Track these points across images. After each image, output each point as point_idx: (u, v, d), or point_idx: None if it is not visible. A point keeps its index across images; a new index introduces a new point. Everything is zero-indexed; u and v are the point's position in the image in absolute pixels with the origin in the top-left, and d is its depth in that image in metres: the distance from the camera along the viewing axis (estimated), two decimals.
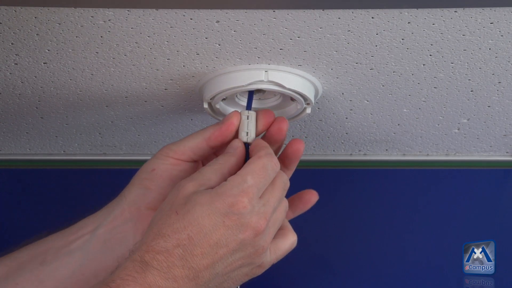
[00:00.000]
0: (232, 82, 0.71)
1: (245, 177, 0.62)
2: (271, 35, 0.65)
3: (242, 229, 0.61)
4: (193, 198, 0.61)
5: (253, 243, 0.62)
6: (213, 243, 0.60)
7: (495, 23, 0.63)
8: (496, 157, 0.96)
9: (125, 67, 0.71)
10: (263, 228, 0.62)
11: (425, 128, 0.87)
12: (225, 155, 0.67)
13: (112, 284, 0.57)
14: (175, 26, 0.64)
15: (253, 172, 0.63)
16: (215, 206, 0.61)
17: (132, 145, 0.93)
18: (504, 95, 0.78)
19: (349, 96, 0.78)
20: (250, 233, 0.62)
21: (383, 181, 0.98)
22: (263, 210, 0.63)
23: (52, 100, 0.79)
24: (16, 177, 0.97)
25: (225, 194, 0.61)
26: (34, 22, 0.63)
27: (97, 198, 0.97)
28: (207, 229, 0.60)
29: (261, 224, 0.62)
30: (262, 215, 0.63)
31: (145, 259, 0.59)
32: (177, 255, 0.59)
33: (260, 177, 0.63)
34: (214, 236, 0.60)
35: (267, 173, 0.64)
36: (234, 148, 0.68)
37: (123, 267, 0.59)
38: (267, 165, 0.64)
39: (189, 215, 0.61)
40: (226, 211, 0.61)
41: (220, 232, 0.61)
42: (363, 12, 0.62)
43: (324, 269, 0.94)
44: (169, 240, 0.60)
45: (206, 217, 0.60)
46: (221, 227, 0.61)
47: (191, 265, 0.59)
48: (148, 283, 0.58)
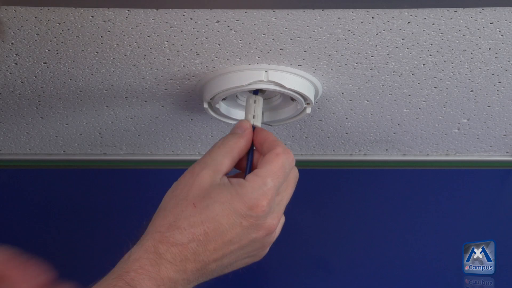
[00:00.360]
0: (232, 82, 0.71)
1: (266, 180, 0.63)
2: (271, 35, 0.65)
3: (257, 229, 0.62)
4: (213, 194, 0.62)
5: (263, 241, 0.64)
6: (227, 240, 0.61)
7: (495, 23, 0.63)
8: (496, 157, 0.96)
9: (125, 67, 0.71)
10: (275, 227, 0.64)
11: (425, 128, 0.87)
12: (234, 137, 0.67)
13: (126, 277, 0.57)
14: (175, 26, 0.64)
15: (273, 173, 0.63)
16: (235, 207, 0.61)
17: (132, 145, 0.92)
18: (504, 95, 0.78)
19: (349, 96, 0.78)
20: (263, 232, 0.63)
21: (383, 181, 0.98)
22: (277, 210, 0.64)
23: (52, 100, 0.79)
24: (16, 177, 0.97)
25: (246, 196, 0.61)
26: (34, 22, 0.63)
27: (97, 198, 0.97)
28: (224, 227, 0.61)
29: (274, 224, 0.64)
30: (276, 215, 0.64)
31: (159, 251, 0.59)
32: (191, 249, 0.60)
33: (280, 178, 0.63)
34: (229, 234, 0.61)
35: (285, 172, 0.64)
36: (242, 129, 0.67)
37: (136, 257, 0.59)
38: (285, 164, 0.64)
39: (208, 211, 0.61)
40: (245, 213, 0.61)
41: (235, 231, 0.61)
42: (363, 12, 0.62)
43: (324, 269, 0.94)
44: (185, 234, 0.60)
45: (225, 216, 0.61)
46: (238, 227, 0.61)
47: (202, 258, 0.60)
48: (161, 277, 0.58)
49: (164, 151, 0.94)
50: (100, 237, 0.95)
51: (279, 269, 0.92)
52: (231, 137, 0.67)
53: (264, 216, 0.62)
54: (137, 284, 0.57)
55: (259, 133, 0.68)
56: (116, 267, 0.60)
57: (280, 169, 0.63)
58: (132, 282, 0.57)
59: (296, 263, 0.93)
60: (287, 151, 0.65)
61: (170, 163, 0.96)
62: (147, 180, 0.98)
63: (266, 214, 0.62)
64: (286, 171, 0.64)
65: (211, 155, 0.65)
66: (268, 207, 0.62)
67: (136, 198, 0.98)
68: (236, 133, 0.67)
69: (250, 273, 0.91)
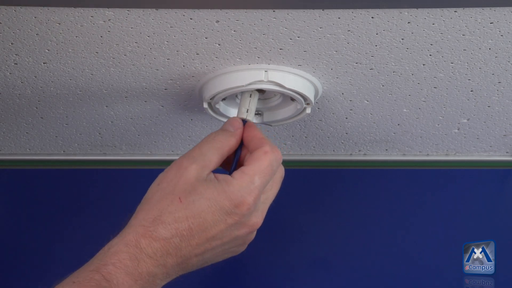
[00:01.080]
0: (232, 82, 0.71)
1: (253, 178, 0.63)
2: (271, 35, 0.65)
3: (241, 226, 0.62)
4: (199, 189, 0.62)
5: (245, 238, 0.64)
6: (210, 237, 0.61)
7: (495, 23, 0.63)
8: (496, 157, 0.96)
9: (125, 67, 0.71)
10: (258, 225, 0.64)
11: (425, 128, 0.87)
12: (226, 134, 0.66)
13: (103, 270, 0.57)
14: (175, 26, 0.64)
15: (261, 171, 0.63)
16: (221, 204, 0.61)
17: (132, 145, 0.93)
18: (504, 95, 0.78)
19: (349, 96, 0.78)
20: (246, 230, 0.63)
21: (383, 181, 0.98)
22: (261, 208, 0.64)
23: (52, 100, 0.79)
24: (16, 177, 0.97)
25: (232, 194, 0.61)
26: (34, 22, 0.63)
27: (97, 198, 0.97)
28: (208, 223, 0.61)
29: (258, 222, 0.64)
30: (260, 213, 0.64)
31: (140, 245, 0.59)
32: (173, 244, 0.60)
33: (267, 176, 0.64)
34: (213, 230, 0.61)
35: (272, 170, 0.64)
36: (234, 127, 0.67)
37: (116, 250, 0.58)
38: (273, 162, 0.64)
39: (193, 206, 0.61)
40: (231, 211, 0.61)
41: (219, 228, 0.61)
42: (363, 12, 0.62)
43: (324, 269, 0.94)
44: (169, 229, 0.60)
45: (210, 212, 0.61)
46: (222, 223, 0.61)
47: (183, 253, 0.60)
48: (139, 271, 0.58)
49: (164, 151, 0.94)
50: (100, 237, 0.95)
51: (279, 269, 0.92)
52: (223, 134, 0.66)
53: (249, 214, 0.62)
54: (113, 278, 0.57)
55: (248, 129, 0.68)
56: (95, 258, 0.59)
57: (267, 168, 0.63)
58: (108, 276, 0.57)
59: (296, 263, 0.92)
60: (275, 149, 0.65)
61: (170, 163, 0.96)
62: (147, 180, 0.98)
63: (251, 212, 0.62)
64: (274, 169, 0.64)
65: (201, 150, 0.64)
66: (254, 205, 0.62)
67: (136, 198, 0.98)
68: (228, 131, 0.67)
69: (250, 273, 0.92)
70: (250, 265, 0.92)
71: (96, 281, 0.56)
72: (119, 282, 0.57)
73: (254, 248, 0.93)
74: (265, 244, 0.92)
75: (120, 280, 0.57)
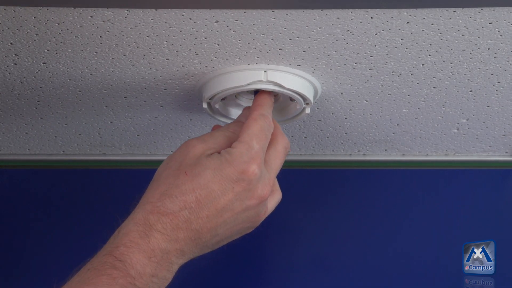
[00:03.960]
0: (231, 82, 0.71)
1: (251, 143, 0.63)
2: (270, 35, 0.65)
3: (249, 195, 0.63)
4: (203, 162, 0.62)
5: (256, 209, 0.64)
6: (220, 208, 0.61)
7: (494, 23, 0.63)
8: (495, 157, 0.96)
9: (124, 67, 0.71)
10: (267, 195, 0.64)
11: (424, 128, 0.87)
12: (238, 124, 0.68)
13: (116, 252, 0.57)
14: (174, 26, 0.64)
15: (255, 135, 0.64)
16: (226, 172, 0.62)
17: (131, 145, 0.93)
18: (503, 95, 0.78)
19: (348, 96, 0.78)
20: (255, 200, 0.63)
21: (383, 181, 0.98)
22: (267, 177, 0.64)
23: (51, 100, 0.79)
24: (16, 177, 0.97)
25: (236, 161, 0.62)
26: (33, 22, 0.63)
27: (97, 198, 0.97)
28: (216, 193, 0.61)
29: (266, 191, 0.64)
30: (267, 182, 0.64)
31: (149, 221, 0.59)
32: (182, 217, 0.60)
33: (262, 140, 0.64)
34: (222, 201, 0.61)
35: (265, 134, 0.65)
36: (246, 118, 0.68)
37: (126, 231, 0.59)
38: (264, 127, 0.65)
39: (199, 177, 0.61)
40: (237, 178, 0.62)
41: (228, 197, 0.61)
42: (362, 12, 0.62)
43: (323, 269, 0.94)
44: (176, 202, 0.60)
45: (216, 182, 0.61)
46: (230, 192, 0.62)
47: (195, 227, 0.60)
48: (151, 248, 0.58)
49: (164, 151, 0.94)
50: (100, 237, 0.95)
51: (279, 268, 0.92)
52: (236, 124, 0.69)
53: (256, 180, 0.62)
54: (127, 258, 0.57)
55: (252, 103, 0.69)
56: (107, 244, 0.59)
57: (260, 132, 0.64)
58: (122, 257, 0.57)
59: (296, 263, 0.92)
60: (265, 116, 0.66)
61: None
62: (147, 180, 0.98)
63: (257, 178, 0.62)
64: (266, 133, 0.65)
65: (212, 134, 0.66)
66: (259, 171, 0.62)
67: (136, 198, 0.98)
68: (241, 121, 0.69)
69: (250, 273, 0.92)
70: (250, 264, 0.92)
71: (110, 264, 0.57)
72: (133, 261, 0.57)
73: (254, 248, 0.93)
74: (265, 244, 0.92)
75: (133, 259, 0.57)
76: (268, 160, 0.66)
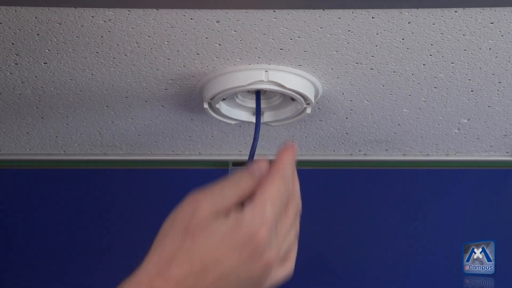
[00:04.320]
0: (232, 82, 0.71)
1: (265, 207, 0.60)
2: (271, 35, 0.65)
3: (256, 261, 0.60)
4: (211, 226, 0.60)
5: (261, 275, 0.62)
6: (225, 273, 0.60)
7: (495, 23, 0.63)
8: (496, 157, 0.96)
9: (125, 67, 0.71)
10: (274, 261, 0.62)
11: (425, 128, 0.87)
12: (249, 179, 0.64)
13: None
14: (175, 26, 0.64)
15: (271, 199, 0.61)
16: (234, 238, 0.60)
17: (132, 145, 0.93)
18: (504, 95, 0.78)
19: (349, 96, 0.78)
20: (261, 266, 0.61)
21: (383, 181, 0.98)
22: (275, 242, 0.62)
23: (52, 100, 0.79)
24: (16, 177, 0.97)
25: (246, 226, 0.60)
26: (34, 22, 0.63)
27: (97, 198, 0.97)
28: (222, 259, 0.60)
29: (273, 257, 0.61)
30: (275, 247, 0.62)
31: (153, 286, 0.58)
32: (187, 283, 0.59)
33: (277, 204, 0.61)
34: (228, 266, 0.60)
35: (281, 199, 0.62)
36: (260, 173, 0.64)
37: None
38: (281, 190, 0.62)
39: (207, 243, 0.59)
40: (245, 242, 0.60)
41: (234, 263, 0.60)
42: (363, 12, 0.62)
43: (324, 269, 0.94)
44: (183, 267, 0.59)
45: (224, 247, 0.59)
46: (237, 257, 0.60)
47: None
48: None
49: (164, 151, 0.94)
50: (100, 237, 0.95)
51: None
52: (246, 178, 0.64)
53: (263, 246, 0.60)
54: None
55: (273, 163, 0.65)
56: None
57: (277, 195, 0.61)
58: None
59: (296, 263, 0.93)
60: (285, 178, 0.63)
61: (170, 163, 0.96)
62: (147, 180, 0.98)
63: (266, 245, 0.60)
64: (282, 198, 0.62)
65: (222, 190, 0.62)
66: (268, 237, 0.60)
67: (136, 198, 0.98)
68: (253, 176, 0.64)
69: None
70: None
71: None
72: None
73: None
74: None
75: None
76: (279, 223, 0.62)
